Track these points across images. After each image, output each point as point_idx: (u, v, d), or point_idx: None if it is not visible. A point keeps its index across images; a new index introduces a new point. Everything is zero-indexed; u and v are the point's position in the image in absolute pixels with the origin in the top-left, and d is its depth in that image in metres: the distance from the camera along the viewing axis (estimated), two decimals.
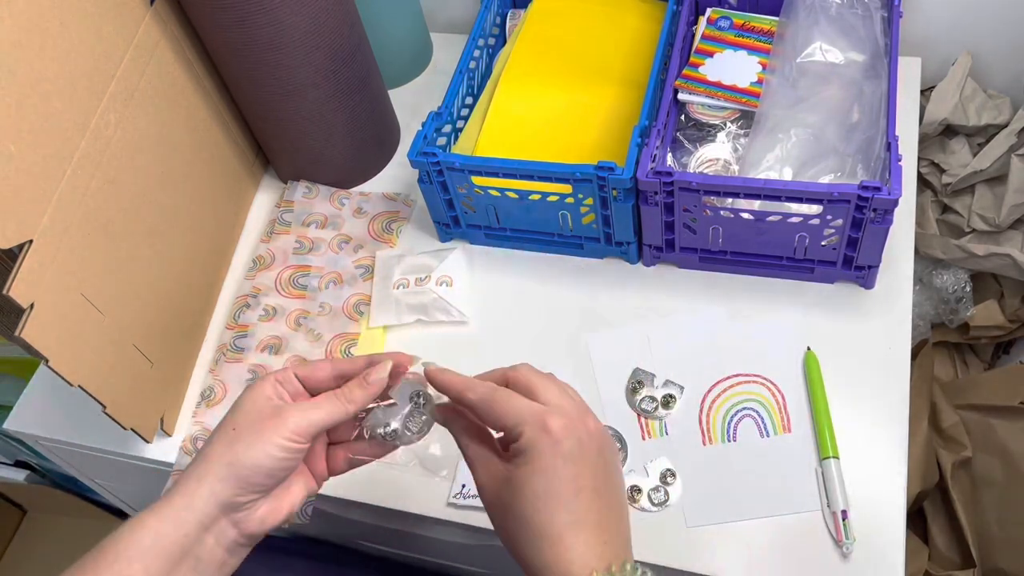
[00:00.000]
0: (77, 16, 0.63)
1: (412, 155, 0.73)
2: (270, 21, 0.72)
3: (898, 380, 0.68)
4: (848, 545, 0.61)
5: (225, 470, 0.49)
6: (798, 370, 0.69)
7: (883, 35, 0.75)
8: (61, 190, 0.61)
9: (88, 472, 0.88)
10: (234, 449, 0.49)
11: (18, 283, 0.56)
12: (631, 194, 0.70)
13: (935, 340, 0.95)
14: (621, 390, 0.71)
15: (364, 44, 0.82)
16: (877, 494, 0.63)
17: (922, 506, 0.89)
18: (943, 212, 0.91)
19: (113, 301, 0.67)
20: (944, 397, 0.88)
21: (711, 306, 0.74)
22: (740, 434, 0.67)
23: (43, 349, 0.59)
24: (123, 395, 0.68)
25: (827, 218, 0.67)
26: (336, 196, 0.88)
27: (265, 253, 0.85)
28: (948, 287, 0.91)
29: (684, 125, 0.78)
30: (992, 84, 0.89)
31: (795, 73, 0.75)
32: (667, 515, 0.65)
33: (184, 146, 0.78)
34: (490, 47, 0.89)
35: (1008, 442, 0.84)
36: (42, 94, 0.59)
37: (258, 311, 0.81)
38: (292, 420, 0.50)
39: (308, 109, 0.80)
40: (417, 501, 0.69)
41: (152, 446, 0.75)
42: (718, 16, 0.83)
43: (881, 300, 0.72)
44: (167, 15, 0.74)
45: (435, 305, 0.78)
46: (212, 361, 0.79)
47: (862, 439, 0.65)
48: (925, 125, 0.86)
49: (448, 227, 0.82)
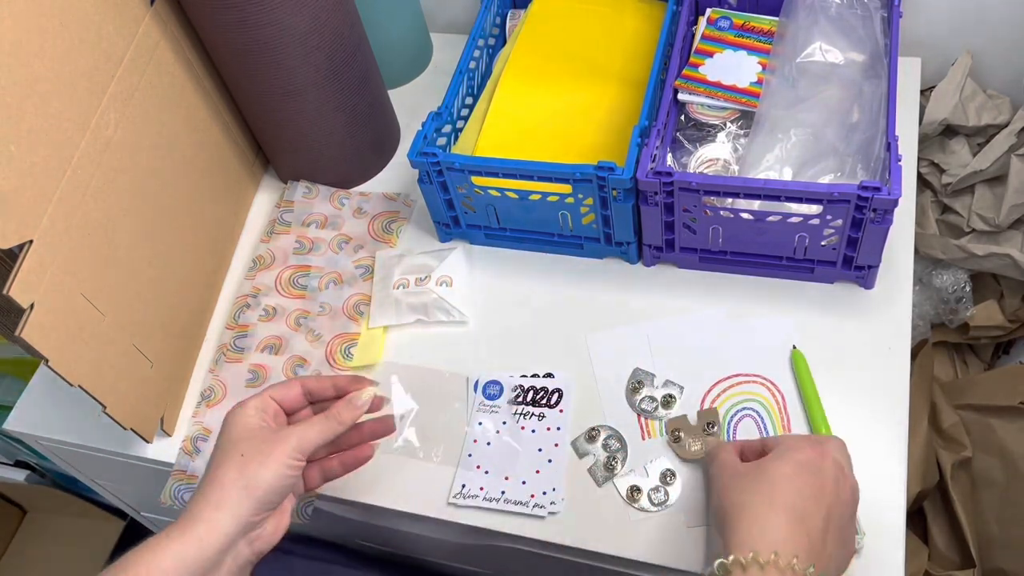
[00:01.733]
0: (77, 16, 0.63)
1: (412, 155, 0.73)
2: (270, 21, 0.72)
3: (898, 380, 0.68)
4: (859, 540, 0.61)
5: (242, 493, 0.54)
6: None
7: (883, 35, 0.75)
8: (61, 190, 0.61)
9: (88, 472, 0.88)
10: (246, 473, 0.55)
11: (18, 283, 0.56)
12: (631, 194, 0.70)
13: (935, 340, 0.95)
14: (621, 390, 0.71)
15: (364, 44, 0.82)
16: (877, 494, 0.63)
17: (922, 506, 0.89)
18: (943, 212, 0.91)
19: (113, 301, 0.67)
20: (944, 397, 0.88)
21: (711, 306, 0.74)
22: (740, 434, 0.67)
23: (43, 349, 0.59)
24: (123, 395, 0.68)
25: (827, 218, 0.67)
26: (336, 196, 0.88)
27: (265, 253, 0.85)
28: (948, 287, 0.91)
29: (684, 125, 0.78)
30: (992, 84, 0.89)
31: (795, 73, 0.75)
32: (667, 515, 0.65)
33: (184, 146, 0.78)
34: (490, 47, 0.89)
35: (1008, 442, 0.84)
36: (42, 94, 0.59)
37: (258, 311, 0.81)
38: (294, 441, 0.57)
39: (308, 109, 0.80)
40: (417, 501, 0.69)
41: (152, 446, 0.75)
42: (718, 16, 0.83)
43: (881, 300, 0.72)
44: (167, 15, 0.74)
45: (435, 305, 0.78)
46: (212, 361, 0.79)
47: (862, 439, 0.65)
48: (925, 125, 0.86)
49: (448, 227, 0.82)
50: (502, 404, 0.72)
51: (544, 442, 0.69)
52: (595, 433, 0.69)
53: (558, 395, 0.71)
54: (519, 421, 0.71)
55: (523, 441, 0.70)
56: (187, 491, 0.72)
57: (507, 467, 0.69)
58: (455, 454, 0.70)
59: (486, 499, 0.67)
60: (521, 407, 0.71)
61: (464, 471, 0.69)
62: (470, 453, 0.70)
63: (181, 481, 0.72)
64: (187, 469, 0.73)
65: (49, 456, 0.84)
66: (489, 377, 0.73)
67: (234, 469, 0.55)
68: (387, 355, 0.77)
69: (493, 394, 0.73)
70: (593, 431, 0.69)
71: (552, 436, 0.70)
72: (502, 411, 0.72)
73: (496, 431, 0.71)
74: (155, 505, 0.80)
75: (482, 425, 0.71)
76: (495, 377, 0.73)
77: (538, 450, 0.69)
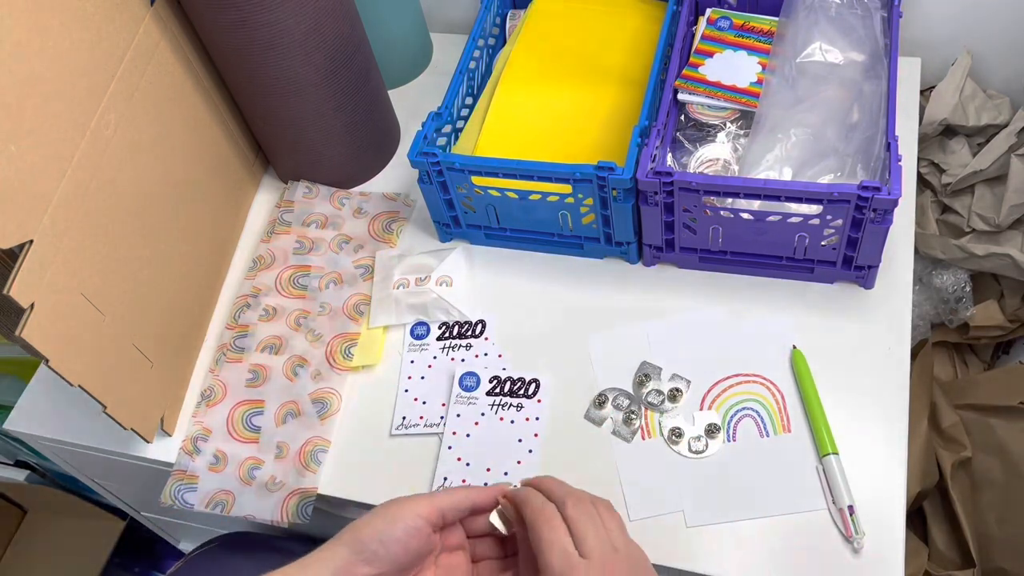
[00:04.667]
0: (77, 16, 0.63)
1: (412, 155, 0.73)
2: (270, 22, 0.72)
3: (898, 380, 0.68)
4: (859, 540, 0.61)
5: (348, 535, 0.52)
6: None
7: (883, 35, 0.75)
8: (61, 190, 0.61)
9: (88, 472, 0.88)
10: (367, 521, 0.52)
11: (18, 283, 0.56)
12: (631, 194, 0.70)
13: (935, 340, 0.95)
14: (622, 388, 0.71)
15: (364, 44, 0.82)
16: (877, 494, 0.63)
17: (922, 506, 0.89)
18: (943, 212, 0.91)
19: (113, 301, 0.67)
20: (944, 397, 0.88)
21: (711, 306, 0.74)
22: (740, 434, 0.67)
23: (43, 349, 0.59)
24: (123, 395, 0.68)
25: (827, 218, 0.67)
26: (336, 196, 0.88)
27: (265, 253, 0.85)
28: (948, 287, 0.91)
29: (684, 125, 0.78)
30: (992, 84, 0.89)
31: (795, 73, 0.75)
32: (667, 515, 0.65)
33: (184, 146, 0.78)
34: (490, 47, 0.89)
35: (1008, 442, 0.84)
36: (42, 94, 0.59)
37: (258, 311, 0.81)
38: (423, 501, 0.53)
39: (308, 109, 0.80)
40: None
41: (152, 446, 0.75)
42: (718, 16, 0.83)
43: (881, 300, 0.72)
44: (167, 15, 0.74)
45: (435, 305, 0.78)
46: (212, 361, 0.79)
47: (862, 439, 0.65)
48: (925, 125, 0.86)
49: (448, 227, 0.82)
50: (479, 395, 0.72)
51: (524, 432, 0.70)
52: (602, 399, 0.70)
53: (535, 385, 0.72)
54: (497, 412, 0.71)
55: (502, 432, 0.70)
56: (187, 491, 0.72)
57: (487, 459, 0.69)
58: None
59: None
60: (498, 398, 0.72)
61: (444, 464, 0.69)
62: (450, 445, 0.70)
63: (181, 481, 0.73)
64: (187, 469, 0.73)
65: (49, 456, 0.84)
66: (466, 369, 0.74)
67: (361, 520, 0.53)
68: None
69: (470, 385, 0.73)
70: (600, 397, 0.70)
71: (532, 426, 0.70)
72: (480, 402, 0.72)
73: (475, 423, 0.71)
74: (155, 505, 0.80)
75: (460, 417, 0.71)
76: (472, 369, 0.73)
77: (518, 440, 0.70)
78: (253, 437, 0.74)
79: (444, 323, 0.77)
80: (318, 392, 0.75)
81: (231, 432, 0.74)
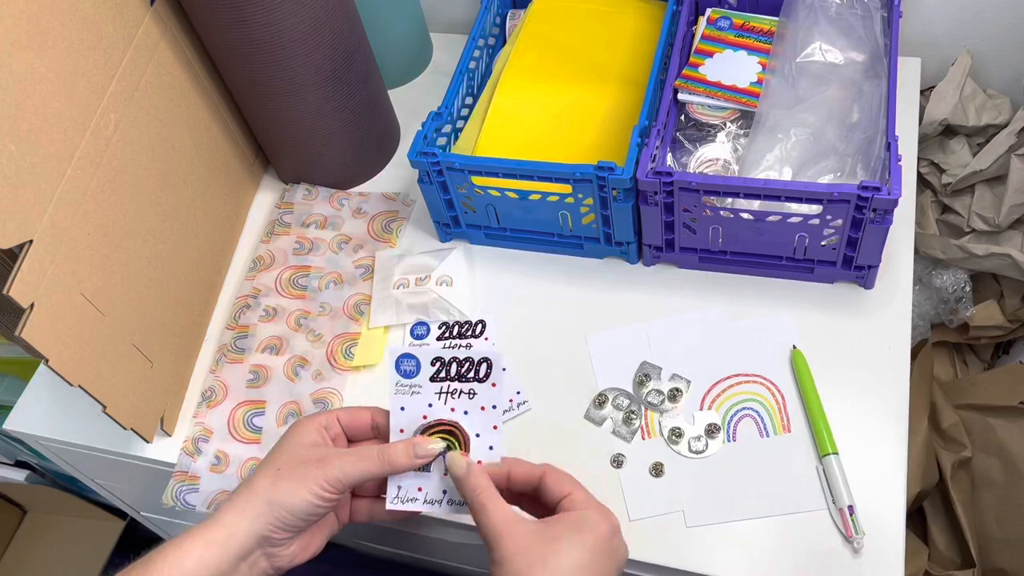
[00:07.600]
0: (77, 16, 0.63)
1: (412, 155, 0.73)
2: (270, 21, 0.72)
3: (898, 380, 0.68)
4: (859, 540, 0.61)
5: (266, 507, 0.54)
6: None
7: (883, 35, 0.76)
8: (61, 190, 0.61)
9: (88, 472, 0.88)
10: (276, 488, 0.54)
11: (18, 283, 0.56)
12: (631, 194, 0.70)
13: (935, 340, 0.95)
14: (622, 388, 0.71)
15: (364, 44, 0.82)
16: (877, 494, 0.63)
17: (922, 506, 0.89)
18: (943, 212, 0.91)
19: (113, 301, 0.67)
20: (944, 397, 0.88)
21: (711, 306, 0.74)
22: (740, 434, 0.68)
23: (43, 349, 0.59)
24: (123, 395, 0.68)
25: (827, 218, 0.67)
26: (335, 197, 0.88)
27: (265, 254, 0.85)
28: (948, 287, 0.91)
29: (684, 125, 0.78)
30: (992, 84, 0.89)
31: (795, 73, 0.75)
32: (667, 515, 0.65)
33: (184, 146, 0.78)
34: (490, 47, 0.89)
35: (1008, 442, 0.84)
36: (42, 94, 0.59)
37: (258, 312, 0.81)
38: (332, 471, 0.54)
39: (308, 109, 0.80)
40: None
41: (152, 446, 0.75)
42: (718, 16, 0.83)
43: (881, 300, 0.72)
44: (167, 15, 0.74)
45: (435, 305, 0.78)
46: (213, 361, 0.79)
47: (862, 439, 0.65)
48: (925, 125, 0.86)
49: (448, 227, 0.82)
50: (423, 382, 0.58)
51: (481, 426, 0.58)
52: (602, 399, 0.70)
53: (487, 366, 0.57)
54: (446, 402, 0.58)
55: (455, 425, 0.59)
56: (189, 492, 0.72)
57: (442, 460, 0.58)
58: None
59: (427, 502, 0.58)
60: (445, 383, 0.58)
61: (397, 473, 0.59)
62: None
63: (183, 482, 0.72)
64: (188, 470, 0.73)
65: (49, 456, 0.84)
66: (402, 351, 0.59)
67: (267, 479, 0.55)
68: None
69: (409, 371, 0.58)
70: (600, 397, 0.70)
71: (489, 417, 0.58)
72: (425, 391, 0.58)
73: (423, 416, 0.59)
74: (155, 505, 0.80)
75: (405, 411, 0.59)
76: (409, 351, 0.59)
77: (476, 436, 0.58)
78: (255, 437, 0.74)
79: (444, 323, 0.77)
80: (319, 392, 0.75)
81: (232, 433, 0.74)
